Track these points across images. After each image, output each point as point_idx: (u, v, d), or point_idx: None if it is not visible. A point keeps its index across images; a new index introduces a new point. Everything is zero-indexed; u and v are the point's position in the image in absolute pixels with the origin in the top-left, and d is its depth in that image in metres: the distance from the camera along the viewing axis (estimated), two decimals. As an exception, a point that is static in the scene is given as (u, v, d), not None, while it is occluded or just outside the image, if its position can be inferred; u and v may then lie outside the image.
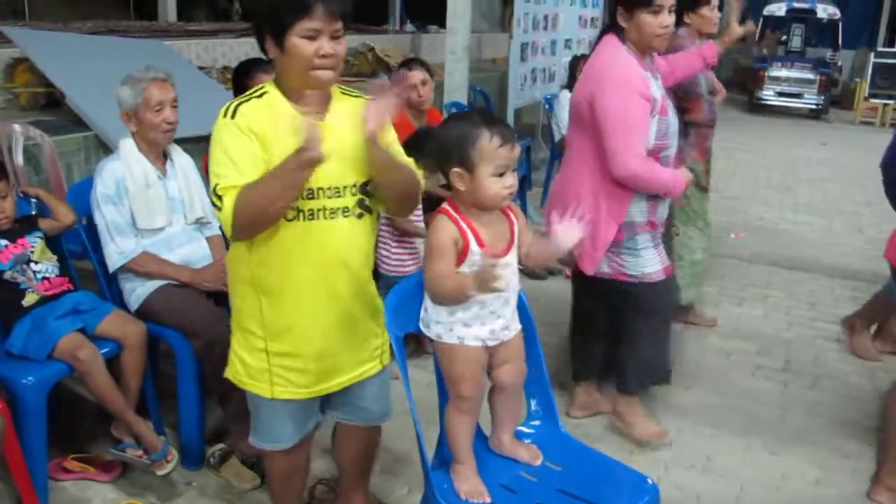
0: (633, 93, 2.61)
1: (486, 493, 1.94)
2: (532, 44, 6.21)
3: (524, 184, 5.89)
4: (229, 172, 1.80)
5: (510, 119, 6.12)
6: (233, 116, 1.86)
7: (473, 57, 6.65)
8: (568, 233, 1.96)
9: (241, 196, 1.77)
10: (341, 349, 2.05)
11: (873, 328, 3.99)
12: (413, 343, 3.61)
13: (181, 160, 3.05)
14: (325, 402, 2.18)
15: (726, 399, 3.49)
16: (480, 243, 1.90)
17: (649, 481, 2.02)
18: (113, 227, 2.84)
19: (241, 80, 3.25)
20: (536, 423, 2.20)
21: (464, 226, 1.90)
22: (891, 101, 12.88)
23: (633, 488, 2.00)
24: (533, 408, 2.21)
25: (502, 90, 8.28)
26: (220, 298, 2.73)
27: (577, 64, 5.90)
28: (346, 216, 1.96)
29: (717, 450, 3.07)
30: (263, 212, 1.80)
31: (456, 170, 1.88)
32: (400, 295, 2.01)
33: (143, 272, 2.87)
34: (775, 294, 4.86)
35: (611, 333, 3.02)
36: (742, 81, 14.35)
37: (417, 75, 4.01)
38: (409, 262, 3.49)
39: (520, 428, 2.17)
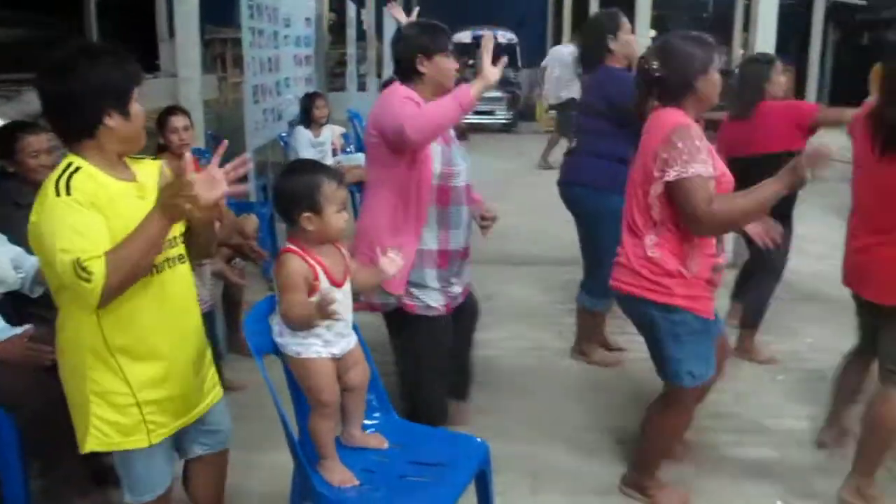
0: (406, 102, 2.93)
1: (355, 479, 2.30)
2: (262, 86, 6.49)
3: (272, 220, 6.15)
4: (85, 245, 1.87)
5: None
6: (68, 193, 1.92)
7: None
8: (391, 263, 2.37)
9: (111, 260, 1.87)
10: (196, 381, 2.25)
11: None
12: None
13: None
14: (181, 442, 2.31)
15: (497, 378, 4.07)
16: (329, 276, 2.26)
17: (478, 440, 2.47)
18: None
19: (8, 143, 3.23)
20: (377, 414, 2.58)
21: (312, 262, 2.25)
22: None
23: (469, 448, 2.46)
24: (372, 403, 2.57)
25: (223, 131, 8.43)
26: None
27: (311, 101, 6.33)
28: (181, 263, 2.20)
29: (505, 422, 3.61)
30: (136, 268, 1.93)
31: (306, 214, 2.22)
32: (256, 319, 2.30)
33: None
34: (513, 287, 5.62)
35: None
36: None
37: (180, 121, 4.19)
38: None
39: (364, 421, 2.52)
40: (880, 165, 2.81)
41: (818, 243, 5.51)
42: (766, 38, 5.84)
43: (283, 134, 7.09)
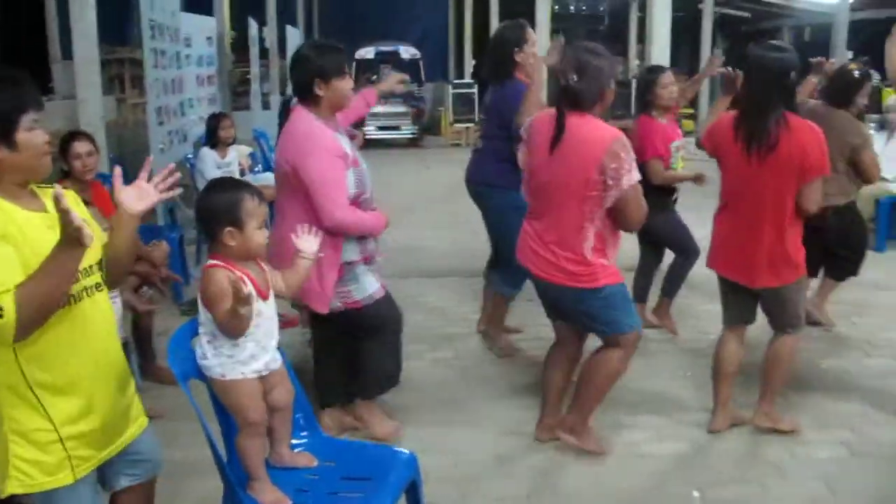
0: (329, 155, 3.09)
1: (287, 499, 2.29)
2: (165, 107, 6.38)
3: (182, 241, 6.05)
4: None
5: (155, 182, 6.21)
6: None
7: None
8: (307, 242, 2.42)
9: (21, 294, 1.80)
10: (121, 411, 2.19)
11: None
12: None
13: None
14: (106, 474, 2.22)
15: (420, 390, 4.11)
16: (255, 286, 2.26)
17: (406, 452, 2.51)
18: None
19: None
20: (305, 433, 2.58)
21: (238, 272, 2.25)
22: (471, 124, 15.01)
23: (398, 461, 2.48)
24: (299, 421, 2.57)
25: (124, 155, 8.22)
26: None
27: (217, 122, 6.24)
28: (99, 291, 2.13)
29: (430, 433, 3.64)
30: (50, 300, 1.86)
31: (228, 230, 2.23)
32: (178, 344, 2.28)
33: None
34: (430, 299, 5.67)
35: (349, 358, 3.46)
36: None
37: (83, 146, 4.09)
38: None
39: (292, 441, 2.52)
40: (749, 167, 3.22)
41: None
42: (660, 50, 6.11)
43: (189, 156, 6.98)
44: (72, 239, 1.79)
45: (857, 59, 10.51)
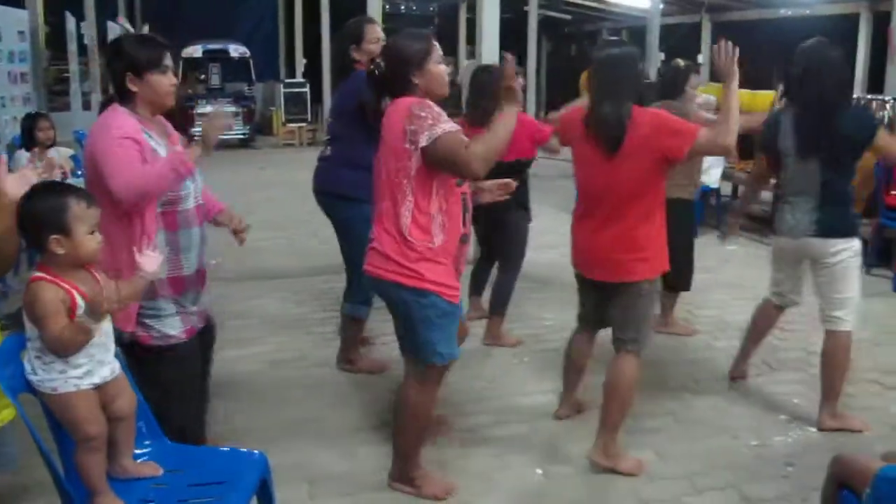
0: (117, 136, 2.67)
1: (134, 511, 2.22)
2: (-28, 107, 5.95)
3: None
4: None
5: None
6: None
7: None
8: (149, 260, 2.31)
9: None
10: None
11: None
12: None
13: None
14: None
15: (263, 392, 4.08)
16: (84, 296, 2.16)
17: (256, 453, 2.49)
18: None
19: None
20: (147, 442, 2.50)
21: (65, 286, 2.14)
22: (303, 124, 14.88)
23: (247, 462, 2.46)
24: (142, 430, 2.49)
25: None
26: None
27: (33, 123, 5.87)
28: None
29: (277, 433, 3.62)
30: None
31: (54, 237, 2.11)
32: (4, 359, 2.17)
33: None
34: (267, 301, 5.61)
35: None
36: (176, 123, 15.03)
37: None
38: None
39: (135, 451, 2.44)
40: (608, 163, 3.15)
41: (549, 235, 6.03)
42: (489, 50, 6.33)
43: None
44: None
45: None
